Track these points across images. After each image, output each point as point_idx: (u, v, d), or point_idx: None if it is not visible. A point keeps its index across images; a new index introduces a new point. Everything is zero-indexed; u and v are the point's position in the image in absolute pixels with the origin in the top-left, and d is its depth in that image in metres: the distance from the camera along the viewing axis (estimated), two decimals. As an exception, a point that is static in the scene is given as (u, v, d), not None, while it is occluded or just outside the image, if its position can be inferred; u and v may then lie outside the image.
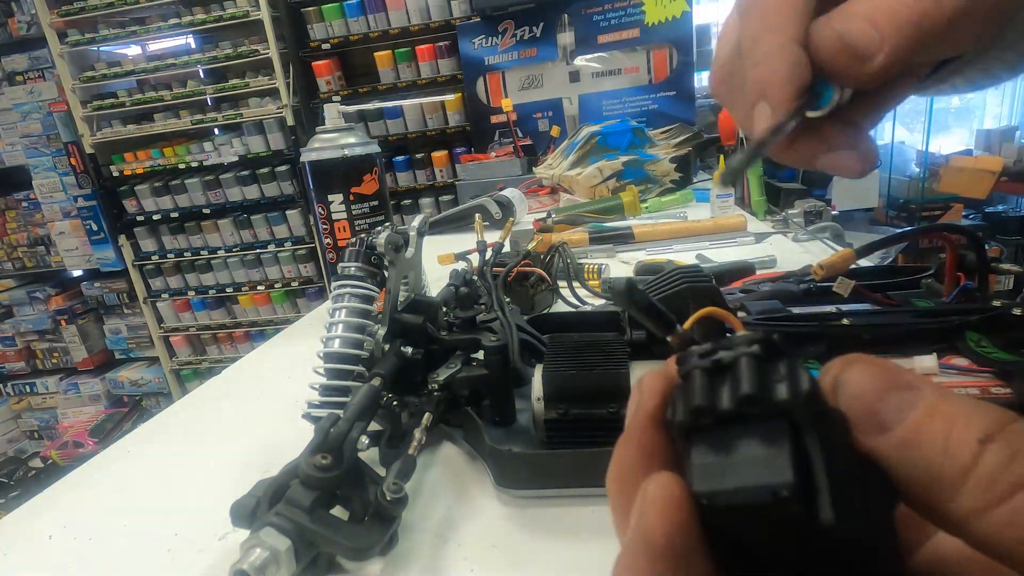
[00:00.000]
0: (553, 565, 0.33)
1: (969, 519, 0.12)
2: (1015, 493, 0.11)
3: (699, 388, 0.14)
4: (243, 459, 0.48)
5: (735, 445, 0.13)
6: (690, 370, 0.15)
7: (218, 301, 3.15)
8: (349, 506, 0.34)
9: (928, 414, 0.13)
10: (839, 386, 0.14)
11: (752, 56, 0.22)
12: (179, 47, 3.01)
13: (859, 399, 0.13)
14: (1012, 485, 0.12)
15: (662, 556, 0.13)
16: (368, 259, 0.45)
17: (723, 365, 0.14)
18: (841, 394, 0.14)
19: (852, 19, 0.20)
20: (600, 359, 0.38)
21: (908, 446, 0.13)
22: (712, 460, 0.13)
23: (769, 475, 0.12)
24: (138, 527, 0.41)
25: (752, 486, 0.12)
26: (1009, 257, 2.88)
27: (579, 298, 0.65)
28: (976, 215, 3.20)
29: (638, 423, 0.16)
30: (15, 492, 2.81)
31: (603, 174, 1.32)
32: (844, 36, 0.20)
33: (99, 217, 3.01)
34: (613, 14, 2.32)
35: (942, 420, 0.12)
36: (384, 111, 2.73)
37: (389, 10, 2.60)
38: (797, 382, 0.13)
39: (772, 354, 0.14)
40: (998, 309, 0.38)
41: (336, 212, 0.68)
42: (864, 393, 0.13)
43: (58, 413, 3.37)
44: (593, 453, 0.36)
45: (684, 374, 0.15)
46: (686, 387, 0.14)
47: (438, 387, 0.42)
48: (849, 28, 0.20)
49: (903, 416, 0.13)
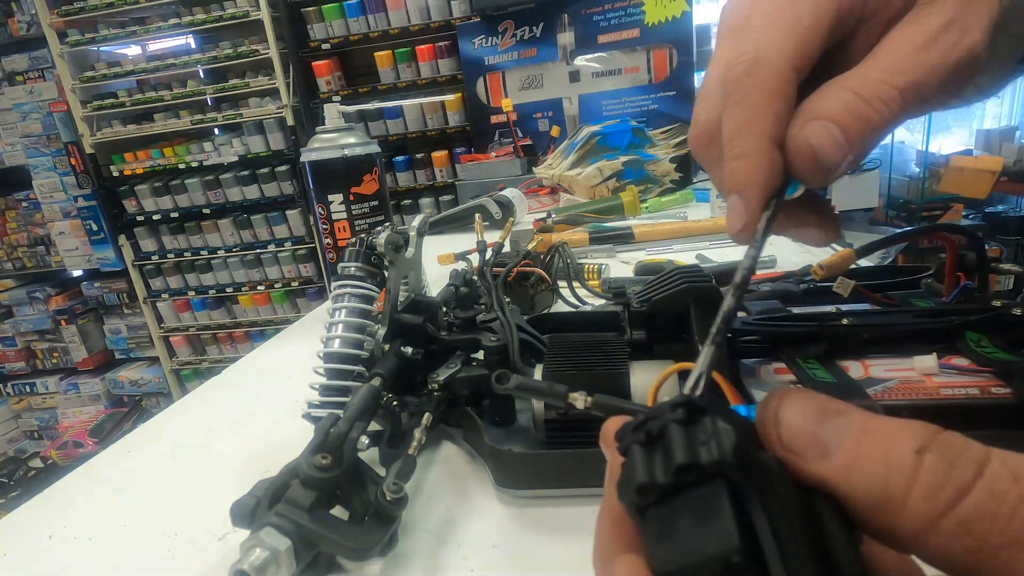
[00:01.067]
0: (553, 565, 0.33)
1: (920, 535, 0.12)
2: (959, 501, 0.12)
3: (638, 465, 0.14)
4: (243, 459, 0.48)
5: (681, 518, 0.13)
6: (627, 447, 0.15)
7: (218, 301, 3.15)
8: (349, 506, 0.34)
9: (862, 433, 0.13)
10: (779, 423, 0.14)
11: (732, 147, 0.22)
12: (179, 47, 3.02)
13: (799, 431, 0.14)
14: (957, 492, 0.12)
15: None
16: (368, 259, 0.45)
17: (654, 436, 0.14)
18: (782, 429, 0.14)
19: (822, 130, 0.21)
20: (600, 359, 0.38)
21: (850, 469, 0.13)
22: (664, 537, 0.13)
23: (717, 545, 0.12)
24: (138, 527, 0.41)
25: (704, 560, 0.12)
26: (1009, 257, 2.88)
27: (579, 298, 0.65)
28: (976, 215, 3.20)
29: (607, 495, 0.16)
30: (15, 492, 2.81)
31: (603, 174, 1.32)
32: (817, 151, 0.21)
33: (99, 217, 3.01)
34: (613, 14, 2.32)
35: (877, 437, 0.13)
36: (384, 111, 2.73)
37: (389, 10, 2.60)
38: (720, 440, 0.13)
39: (694, 415, 0.14)
40: (998, 309, 0.38)
41: (336, 212, 0.68)
42: (803, 425, 0.14)
43: (58, 413, 3.37)
44: (593, 453, 0.36)
45: (623, 451, 0.15)
46: (627, 466, 0.14)
47: (438, 387, 0.42)
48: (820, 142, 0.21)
49: (840, 440, 0.13)
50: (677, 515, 0.13)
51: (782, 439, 0.14)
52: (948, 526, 0.12)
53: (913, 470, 0.12)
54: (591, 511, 0.35)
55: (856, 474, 0.13)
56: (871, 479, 0.13)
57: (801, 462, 0.13)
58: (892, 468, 0.12)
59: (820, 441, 0.13)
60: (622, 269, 0.86)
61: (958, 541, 0.12)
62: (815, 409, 0.14)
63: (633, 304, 0.44)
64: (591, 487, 0.37)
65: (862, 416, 0.13)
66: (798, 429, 0.14)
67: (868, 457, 0.13)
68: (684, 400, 0.14)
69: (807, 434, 0.13)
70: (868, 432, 0.13)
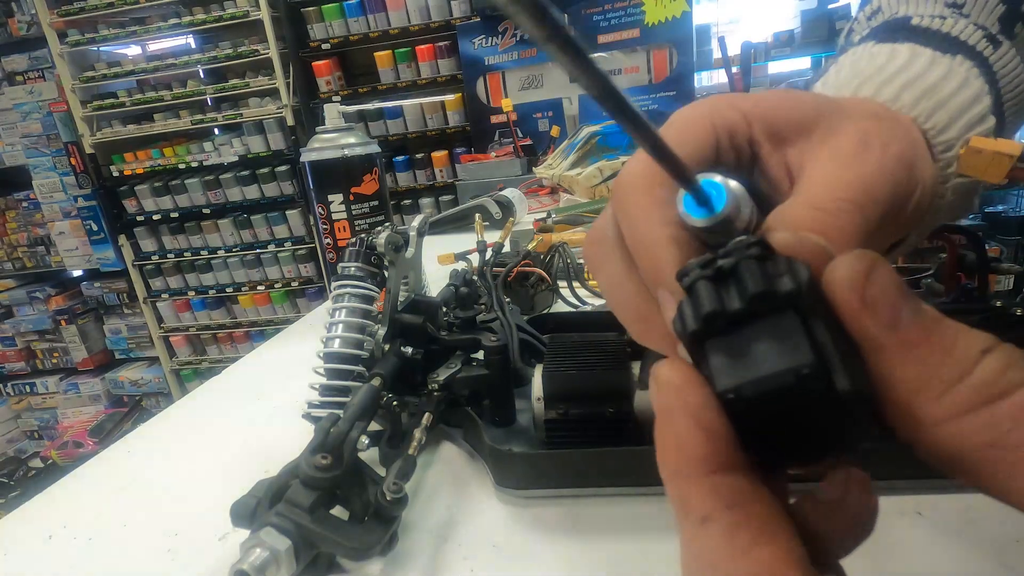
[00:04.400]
0: (553, 565, 0.33)
1: (942, 423, 0.13)
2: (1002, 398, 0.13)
3: (706, 296, 0.15)
4: (243, 459, 0.48)
5: (749, 342, 0.14)
6: (694, 282, 0.15)
7: (218, 301, 3.15)
8: (349, 506, 0.34)
9: (936, 322, 0.14)
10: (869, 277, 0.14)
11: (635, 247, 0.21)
12: (179, 47, 3.02)
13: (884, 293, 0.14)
14: (1003, 390, 0.13)
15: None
16: (368, 259, 0.45)
17: (725, 272, 0.15)
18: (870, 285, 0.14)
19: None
20: (600, 359, 0.38)
21: (912, 347, 0.14)
22: (729, 359, 0.14)
23: (790, 360, 0.13)
24: (138, 527, 0.41)
25: (775, 372, 0.13)
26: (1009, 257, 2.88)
27: (579, 298, 0.65)
28: (976, 215, 3.20)
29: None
30: (15, 492, 2.81)
31: (603, 174, 1.32)
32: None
33: (99, 217, 3.01)
34: (613, 14, 2.32)
35: (948, 331, 0.14)
36: (384, 111, 2.73)
37: (389, 10, 2.60)
38: (797, 274, 0.14)
39: (767, 252, 0.15)
40: (998, 309, 0.38)
41: (336, 212, 0.68)
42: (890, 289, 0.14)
43: (58, 413, 3.37)
44: (593, 453, 0.36)
45: (688, 286, 0.15)
46: (692, 299, 0.15)
47: (438, 387, 0.42)
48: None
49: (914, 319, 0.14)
50: (744, 340, 0.14)
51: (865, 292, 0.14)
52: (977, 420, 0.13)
53: (972, 365, 0.13)
54: (591, 511, 0.35)
55: (916, 353, 0.13)
56: (927, 362, 0.13)
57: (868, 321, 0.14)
58: (954, 357, 0.13)
59: (897, 312, 0.14)
60: (622, 269, 0.86)
61: (977, 435, 0.13)
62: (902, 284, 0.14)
63: (633, 304, 0.43)
64: (591, 487, 0.37)
65: (933, 309, 0.14)
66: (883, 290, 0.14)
67: (936, 341, 0.13)
68: (758, 239, 0.15)
69: (889, 301, 0.14)
70: (941, 324, 0.14)
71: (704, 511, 0.13)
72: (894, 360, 0.14)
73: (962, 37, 0.29)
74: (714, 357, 0.15)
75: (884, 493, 0.31)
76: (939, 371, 0.13)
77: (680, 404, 0.15)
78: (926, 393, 0.13)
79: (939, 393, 0.13)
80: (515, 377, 0.43)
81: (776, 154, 0.23)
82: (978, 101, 0.27)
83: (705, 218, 0.18)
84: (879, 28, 0.32)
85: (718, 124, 0.22)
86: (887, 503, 0.32)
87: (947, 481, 0.13)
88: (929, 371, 0.13)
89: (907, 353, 0.14)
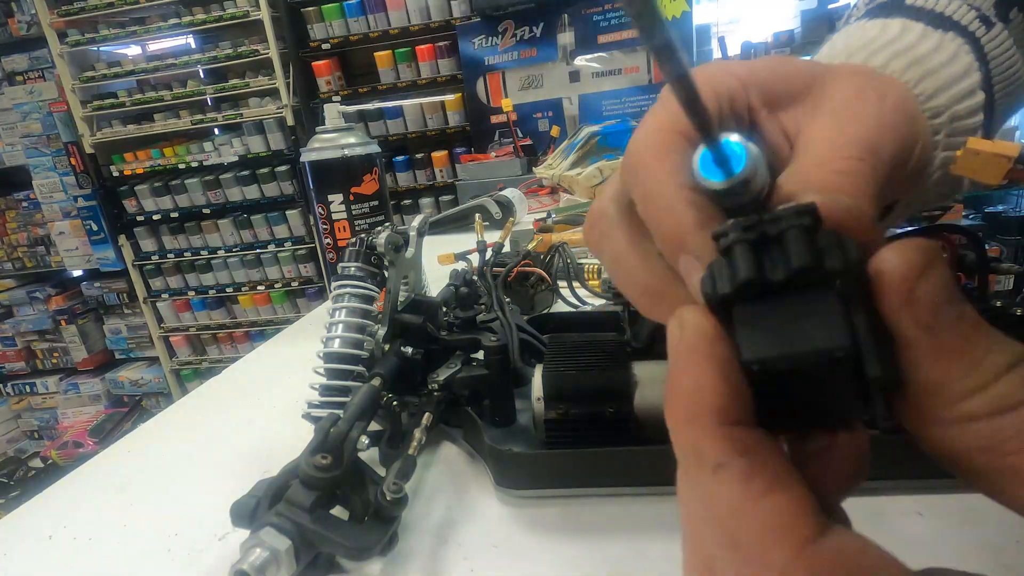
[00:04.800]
0: (553, 565, 0.33)
1: (952, 424, 0.13)
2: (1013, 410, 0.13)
3: (744, 261, 0.14)
4: (243, 459, 0.48)
5: (783, 314, 0.14)
6: (732, 244, 0.14)
7: (218, 301, 3.15)
8: (349, 506, 0.34)
9: (975, 329, 0.14)
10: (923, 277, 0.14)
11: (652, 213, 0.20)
12: (179, 47, 3.02)
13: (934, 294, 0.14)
14: (1012, 404, 0.13)
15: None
16: (368, 259, 0.45)
17: (769, 238, 0.14)
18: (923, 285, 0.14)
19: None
20: (600, 359, 0.38)
21: (946, 353, 0.14)
22: (759, 329, 0.14)
23: (826, 340, 0.13)
24: (138, 527, 0.41)
25: (808, 351, 0.13)
26: (1009, 257, 2.88)
27: (579, 298, 0.65)
28: (976, 215, 3.20)
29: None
30: (15, 492, 2.81)
31: (603, 174, 1.32)
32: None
33: (99, 217, 3.01)
34: (613, 14, 2.32)
35: (982, 338, 0.14)
36: (384, 111, 2.73)
37: (389, 10, 2.60)
38: (846, 250, 0.13)
39: (817, 223, 0.14)
40: (998, 309, 0.38)
41: (336, 212, 0.68)
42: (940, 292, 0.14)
43: (58, 413, 3.37)
44: (593, 453, 0.36)
45: (726, 248, 0.15)
46: (729, 262, 0.14)
47: (438, 387, 0.42)
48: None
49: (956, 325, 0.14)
50: (777, 311, 0.14)
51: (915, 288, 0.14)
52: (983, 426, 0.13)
53: (996, 377, 0.13)
54: (591, 511, 0.35)
55: (946, 360, 0.14)
56: (953, 370, 0.13)
57: (908, 319, 0.14)
58: (980, 371, 0.13)
59: (939, 315, 0.14)
60: (622, 269, 0.86)
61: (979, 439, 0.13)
62: (952, 285, 0.14)
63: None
64: (591, 487, 0.37)
65: (975, 318, 0.14)
66: (932, 290, 0.14)
67: (965, 354, 0.14)
68: (809, 208, 0.14)
69: (934, 303, 0.14)
70: (978, 332, 0.14)
71: (718, 458, 0.13)
72: (923, 360, 0.14)
73: (955, 16, 0.29)
74: (742, 325, 0.14)
75: (884, 493, 0.31)
76: (963, 380, 0.13)
77: (708, 352, 0.14)
78: (944, 396, 0.13)
79: (957, 400, 0.13)
80: (515, 377, 0.43)
81: (772, 119, 0.22)
82: (967, 75, 0.27)
83: (723, 180, 0.16)
84: (874, 8, 0.32)
85: (719, 91, 0.22)
86: (887, 503, 0.32)
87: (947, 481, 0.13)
88: (953, 379, 0.13)
89: (937, 358, 0.14)
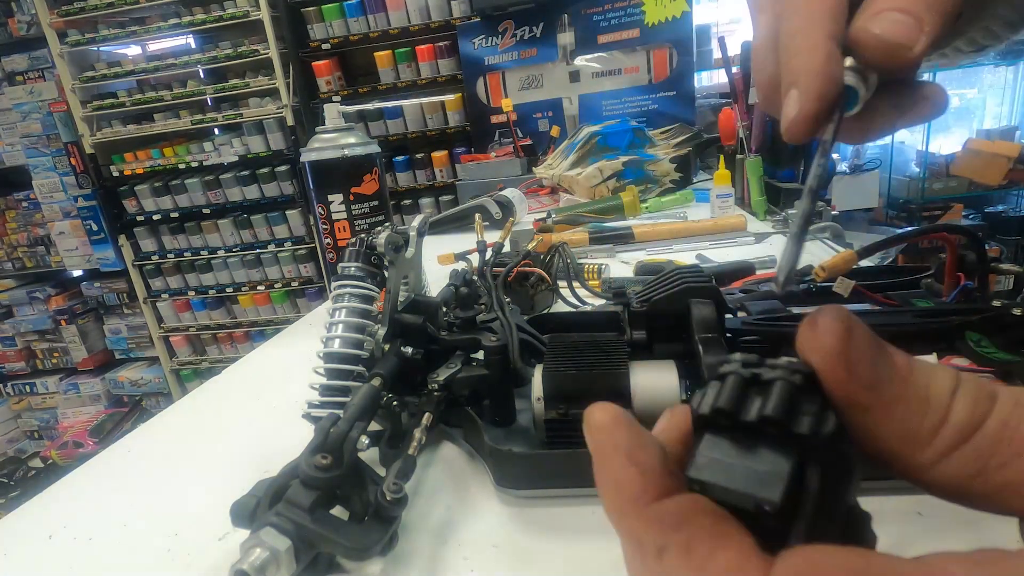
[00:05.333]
0: (553, 565, 0.33)
1: (935, 464, 0.14)
2: (976, 431, 0.14)
3: (728, 392, 0.15)
4: (243, 459, 0.48)
5: (738, 451, 0.14)
6: (727, 373, 0.15)
7: (218, 301, 3.15)
8: (349, 506, 0.34)
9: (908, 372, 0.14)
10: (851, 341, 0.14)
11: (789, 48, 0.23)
12: (179, 47, 3.01)
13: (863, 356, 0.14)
14: (976, 424, 0.14)
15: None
16: (368, 259, 0.45)
17: (761, 381, 0.15)
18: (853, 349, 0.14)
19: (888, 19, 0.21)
20: (600, 359, 0.38)
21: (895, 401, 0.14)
22: (713, 455, 0.15)
23: (759, 488, 0.14)
24: (138, 527, 0.41)
25: (741, 491, 0.14)
26: (1009, 257, 2.87)
27: (579, 298, 0.65)
28: (976, 215, 3.20)
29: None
30: (15, 492, 2.81)
31: (603, 174, 1.32)
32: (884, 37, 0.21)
33: (99, 217, 3.01)
34: (613, 14, 2.32)
35: (920, 378, 0.14)
36: (384, 111, 2.73)
37: (389, 10, 2.60)
38: (824, 423, 0.14)
39: (810, 384, 0.15)
40: (998, 309, 0.38)
41: (336, 212, 0.68)
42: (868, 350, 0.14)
43: (58, 413, 3.37)
44: (593, 453, 0.36)
45: (721, 375, 0.16)
46: (719, 387, 0.15)
47: (438, 387, 0.42)
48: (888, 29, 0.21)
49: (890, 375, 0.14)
50: (736, 447, 0.14)
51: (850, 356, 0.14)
52: (963, 454, 0.14)
53: (947, 408, 0.14)
54: (591, 511, 0.35)
55: (898, 409, 0.14)
56: (911, 415, 0.14)
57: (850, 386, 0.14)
58: (932, 406, 0.14)
59: (876, 371, 0.14)
60: (622, 269, 0.86)
61: (965, 467, 0.14)
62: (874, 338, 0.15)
63: (633, 304, 0.44)
64: (591, 487, 0.36)
65: (903, 357, 0.15)
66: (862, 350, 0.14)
67: (911, 397, 0.14)
68: (807, 369, 0.15)
69: (869, 361, 0.14)
70: (913, 373, 0.14)
71: (658, 543, 0.14)
72: (879, 418, 0.14)
73: None
74: (704, 446, 0.15)
75: (884, 493, 0.31)
76: (922, 422, 0.14)
77: (611, 444, 0.15)
78: (915, 443, 0.14)
79: (926, 441, 0.14)
80: (515, 377, 0.43)
81: None
82: None
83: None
84: None
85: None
86: (887, 503, 0.32)
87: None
88: (914, 424, 0.14)
89: (891, 410, 0.14)
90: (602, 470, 0.16)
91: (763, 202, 1.20)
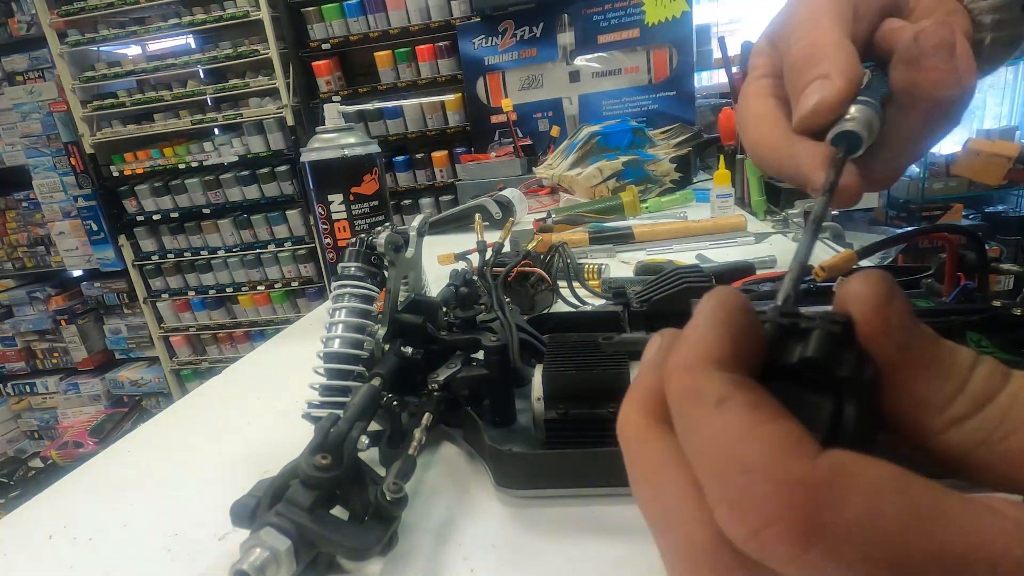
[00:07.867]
0: (553, 565, 0.33)
1: (944, 431, 0.15)
2: (990, 401, 0.15)
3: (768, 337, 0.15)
4: (243, 459, 0.48)
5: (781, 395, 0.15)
6: (765, 322, 0.16)
7: (218, 301, 3.15)
8: (349, 506, 0.34)
9: (937, 341, 0.15)
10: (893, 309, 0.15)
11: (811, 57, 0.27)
12: (179, 47, 3.02)
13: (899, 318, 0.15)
14: (988, 396, 0.15)
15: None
16: (368, 259, 0.45)
17: (800, 329, 0.15)
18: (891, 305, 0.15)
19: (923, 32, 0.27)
20: (600, 359, 0.38)
21: (921, 365, 0.15)
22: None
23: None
24: (138, 527, 0.41)
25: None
26: (1009, 257, 2.87)
27: (579, 298, 0.65)
28: (976, 215, 3.20)
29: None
30: (15, 492, 2.81)
31: (603, 174, 1.32)
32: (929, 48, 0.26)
33: (99, 217, 3.01)
34: (613, 14, 2.32)
35: (944, 350, 0.15)
36: (384, 111, 2.73)
37: (389, 10, 2.60)
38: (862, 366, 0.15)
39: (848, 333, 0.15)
40: (998, 309, 0.38)
41: (336, 212, 0.68)
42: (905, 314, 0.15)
43: (58, 413, 3.37)
44: (593, 453, 0.36)
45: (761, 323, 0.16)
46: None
47: (438, 387, 0.42)
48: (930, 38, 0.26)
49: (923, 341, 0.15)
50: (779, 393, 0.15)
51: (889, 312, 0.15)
52: (973, 423, 0.14)
53: (966, 378, 0.15)
54: (591, 511, 0.35)
55: (924, 372, 0.15)
56: (932, 380, 0.15)
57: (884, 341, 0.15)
58: (952, 375, 0.15)
59: (908, 334, 0.15)
60: (622, 269, 0.86)
61: (972, 435, 0.14)
62: (911, 306, 0.15)
63: (633, 304, 0.44)
64: (591, 487, 0.37)
65: (930, 329, 0.16)
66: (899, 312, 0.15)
67: (937, 363, 0.15)
68: (845, 319, 0.15)
69: (904, 324, 0.15)
70: (940, 344, 0.15)
71: (721, 393, 0.14)
72: (902, 378, 0.15)
73: None
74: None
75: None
76: (943, 388, 0.15)
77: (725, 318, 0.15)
78: (930, 408, 0.15)
79: (942, 408, 0.15)
80: (515, 377, 0.43)
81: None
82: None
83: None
84: None
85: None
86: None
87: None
88: (934, 389, 0.15)
89: (917, 373, 0.15)
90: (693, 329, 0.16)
91: (763, 202, 1.20)
